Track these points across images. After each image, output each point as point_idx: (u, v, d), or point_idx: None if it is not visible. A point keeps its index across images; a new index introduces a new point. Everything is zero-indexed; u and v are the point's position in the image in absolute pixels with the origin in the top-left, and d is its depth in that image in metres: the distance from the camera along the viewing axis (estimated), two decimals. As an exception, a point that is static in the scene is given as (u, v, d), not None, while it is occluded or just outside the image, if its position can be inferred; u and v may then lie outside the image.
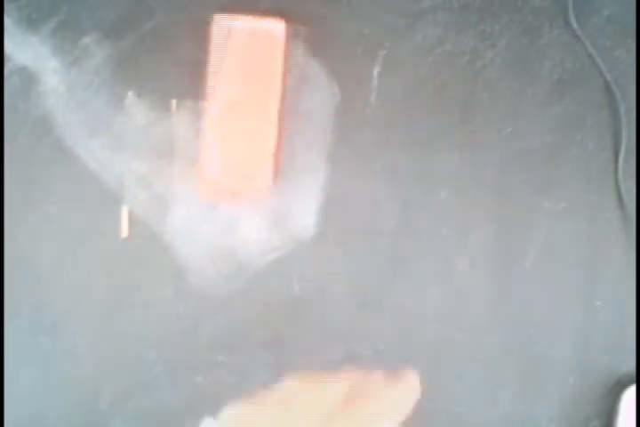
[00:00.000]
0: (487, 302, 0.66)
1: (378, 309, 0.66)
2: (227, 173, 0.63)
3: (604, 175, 0.66)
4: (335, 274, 0.66)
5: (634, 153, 0.66)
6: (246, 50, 0.62)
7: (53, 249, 0.66)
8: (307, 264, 0.66)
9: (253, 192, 0.64)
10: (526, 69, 0.66)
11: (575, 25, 0.66)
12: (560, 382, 0.65)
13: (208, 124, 0.63)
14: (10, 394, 0.65)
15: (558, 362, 0.66)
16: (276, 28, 0.62)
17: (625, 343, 0.65)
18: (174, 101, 0.65)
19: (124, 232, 0.65)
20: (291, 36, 0.63)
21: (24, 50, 0.65)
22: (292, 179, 0.66)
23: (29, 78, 0.65)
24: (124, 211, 0.65)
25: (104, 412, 0.65)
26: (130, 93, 0.65)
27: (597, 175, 0.66)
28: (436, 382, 0.65)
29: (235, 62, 0.62)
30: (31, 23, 0.65)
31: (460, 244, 0.66)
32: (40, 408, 0.65)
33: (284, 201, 0.66)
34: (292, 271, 0.65)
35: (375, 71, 0.66)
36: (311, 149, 0.66)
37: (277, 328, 0.65)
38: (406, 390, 0.46)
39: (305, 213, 0.66)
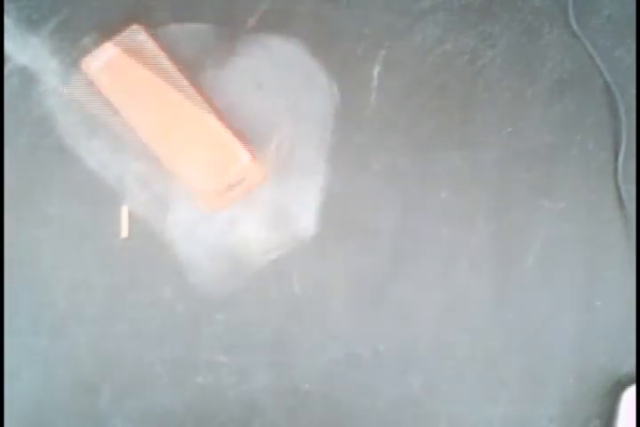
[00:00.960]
0: (487, 302, 0.66)
1: (378, 309, 0.66)
2: (210, 175, 0.62)
3: (604, 175, 0.66)
4: (335, 274, 0.66)
5: (634, 153, 0.66)
6: (133, 70, 0.61)
7: (53, 249, 0.66)
8: (307, 264, 0.65)
9: (247, 173, 0.62)
10: (526, 69, 0.66)
11: (575, 25, 0.66)
12: (560, 382, 0.65)
13: (159, 152, 0.62)
14: (10, 393, 0.65)
15: (558, 362, 0.66)
16: (136, 36, 0.61)
17: (625, 343, 0.65)
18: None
19: (124, 232, 0.65)
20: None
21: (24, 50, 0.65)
22: (293, 179, 0.66)
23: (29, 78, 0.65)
24: (124, 211, 0.65)
25: (103, 412, 0.65)
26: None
27: (597, 175, 0.66)
28: (436, 383, 0.65)
29: (132, 87, 0.61)
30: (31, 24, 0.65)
31: (460, 244, 0.66)
32: (40, 408, 0.66)
33: (285, 201, 0.66)
34: (292, 271, 0.65)
35: (375, 71, 0.66)
36: (311, 149, 0.66)
37: (277, 328, 0.65)
38: None
39: (305, 213, 0.66)
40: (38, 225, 0.66)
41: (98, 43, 0.63)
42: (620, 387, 0.65)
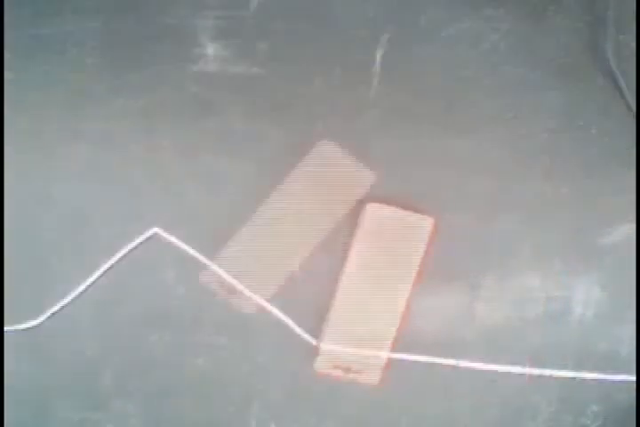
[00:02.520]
0: (486, 290, 0.66)
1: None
2: (346, 344, 0.62)
3: (606, 161, 0.66)
4: (335, 264, 0.65)
5: (634, 139, 0.65)
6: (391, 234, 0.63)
7: (54, 233, 0.66)
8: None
9: (363, 374, 0.62)
10: (530, 54, 0.66)
11: (580, 9, 0.65)
12: (559, 366, 0.65)
13: (342, 290, 0.63)
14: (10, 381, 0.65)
15: (558, 347, 0.66)
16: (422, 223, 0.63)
17: (623, 333, 0.65)
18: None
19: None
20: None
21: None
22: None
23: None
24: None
25: (105, 394, 0.66)
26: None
27: (599, 161, 0.66)
28: (435, 368, 0.65)
29: (378, 242, 0.63)
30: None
31: (459, 232, 0.65)
32: (41, 392, 0.66)
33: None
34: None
35: (378, 55, 0.65)
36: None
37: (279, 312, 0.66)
38: None
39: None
40: (40, 208, 0.66)
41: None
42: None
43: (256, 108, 0.66)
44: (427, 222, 0.63)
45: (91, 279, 0.65)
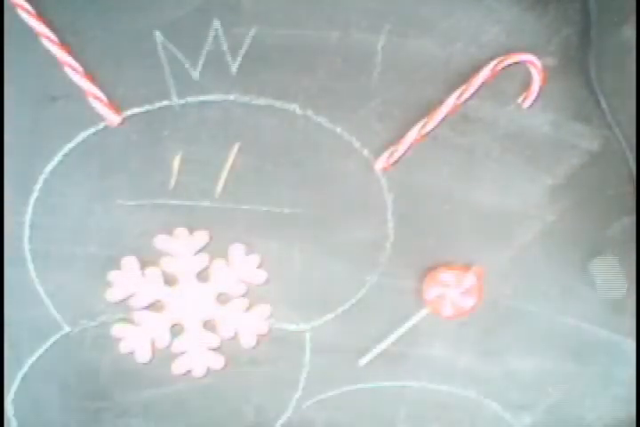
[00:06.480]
0: (486, 280, 0.66)
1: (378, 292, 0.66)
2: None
3: (608, 154, 0.66)
4: (335, 246, 0.65)
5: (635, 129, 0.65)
6: None
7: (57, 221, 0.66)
8: (308, 240, 0.65)
9: None
10: (531, 46, 0.65)
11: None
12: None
13: None
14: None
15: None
16: None
17: (624, 321, 0.66)
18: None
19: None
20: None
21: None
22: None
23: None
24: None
25: (104, 382, 0.66)
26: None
27: (601, 154, 0.66)
28: (433, 359, 0.66)
29: None
30: None
31: (460, 223, 0.65)
32: (40, 381, 0.66)
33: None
34: (294, 244, 0.66)
35: (379, 45, 0.65)
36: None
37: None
38: None
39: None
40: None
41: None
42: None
43: (256, 98, 0.65)
44: None
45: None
